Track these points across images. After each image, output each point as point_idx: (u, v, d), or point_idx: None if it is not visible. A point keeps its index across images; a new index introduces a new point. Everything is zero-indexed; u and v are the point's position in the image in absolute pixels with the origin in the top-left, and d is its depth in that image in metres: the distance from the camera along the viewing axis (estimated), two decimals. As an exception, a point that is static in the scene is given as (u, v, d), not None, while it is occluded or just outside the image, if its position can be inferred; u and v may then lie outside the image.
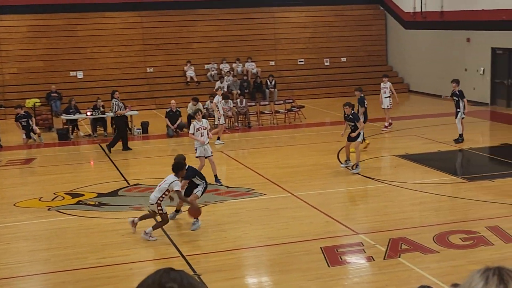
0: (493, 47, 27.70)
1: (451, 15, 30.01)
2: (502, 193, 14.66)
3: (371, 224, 12.86)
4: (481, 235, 11.82)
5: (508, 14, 26.27)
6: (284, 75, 33.04)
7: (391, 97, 23.26)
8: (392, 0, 34.86)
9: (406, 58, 33.93)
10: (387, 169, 17.59)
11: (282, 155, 19.70)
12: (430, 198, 14.65)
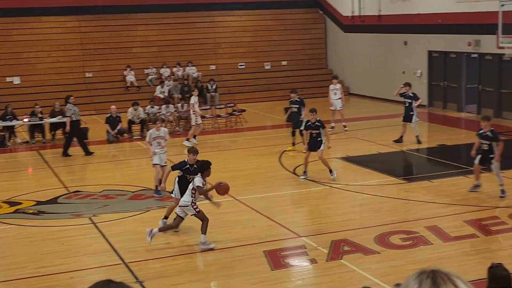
0: (429, 50, 28.27)
1: (389, 19, 30.51)
2: (440, 193, 14.96)
3: (313, 227, 12.95)
4: (420, 235, 12.03)
5: (443, 18, 26.85)
6: (225, 79, 33.03)
7: (342, 98, 23.56)
8: (331, 4, 35.23)
9: (346, 61, 34.34)
10: (323, 173, 17.69)
11: (224, 159, 19.66)
12: (371, 200, 14.83)
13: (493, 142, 13.99)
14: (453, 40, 26.51)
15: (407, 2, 29.17)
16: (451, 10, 26.36)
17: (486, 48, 24.39)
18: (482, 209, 13.56)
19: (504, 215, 13.04)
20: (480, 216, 13.09)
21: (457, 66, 27.02)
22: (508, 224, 12.50)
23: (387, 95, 30.61)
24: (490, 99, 25.23)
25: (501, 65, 24.54)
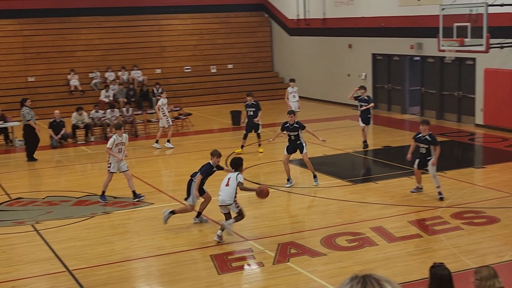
0: (373, 53, 28.64)
1: (333, 22, 30.79)
2: (385, 194, 15.15)
3: (260, 230, 12.94)
4: (366, 236, 12.15)
5: (386, 21, 27.24)
6: (171, 83, 32.82)
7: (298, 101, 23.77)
8: (276, 8, 35.39)
9: (292, 64, 34.52)
10: (275, 175, 17.75)
11: (171, 164, 19.55)
12: (318, 202, 14.92)
13: (431, 146, 14.22)
14: (396, 43, 26.91)
15: (351, 5, 29.49)
16: (394, 13, 26.77)
17: (428, 51, 24.82)
18: (426, 209, 13.77)
19: (447, 214, 13.27)
20: (423, 216, 13.30)
21: (401, 69, 27.45)
22: (451, 224, 12.72)
23: (332, 98, 30.93)
24: (433, 101, 25.69)
25: (442, 68, 25.01)
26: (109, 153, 15.18)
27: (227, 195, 12.23)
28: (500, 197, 14.53)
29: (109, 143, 15.22)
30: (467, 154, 20.69)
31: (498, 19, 20.38)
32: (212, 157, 13.17)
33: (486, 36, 18.55)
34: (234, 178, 12.28)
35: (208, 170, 13.13)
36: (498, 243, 11.68)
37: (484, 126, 23.02)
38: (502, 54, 21.07)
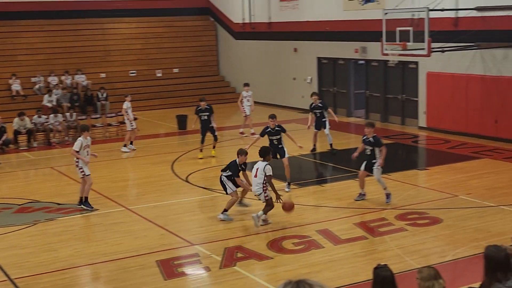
0: (318, 57, 28.86)
1: (279, 26, 30.93)
2: (331, 197, 15.27)
3: (206, 234, 12.88)
4: (312, 238, 12.21)
5: (331, 25, 27.49)
6: (116, 87, 32.46)
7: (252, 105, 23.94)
8: (222, 12, 35.38)
9: (238, 68, 34.55)
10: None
11: (116, 169, 19.32)
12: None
13: (376, 148, 14.37)
14: (341, 47, 27.19)
15: (296, 9, 29.68)
16: (338, 18, 27.04)
17: (372, 54, 25.15)
18: (371, 211, 13.91)
19: (391, 216, 13.44)
20: (368, 218, 13.43)
21: (346, 72, 27.73)
22: (395, 225, 12.88)
23: (278, 101, 31.05)
24: (377, 104, 26.03)
25: (386, 71, 25.37)
26: (77, 157, 14.65)
27: (255, 185, 13.00)
28: (443, 198, 14.79)
29: (76, 146, 14.70)
30: (411, 156, 21.01)
31: (439, 23, 20.78)
32: (238, 155, 13.74)
33: (428, 40, 18.87)
34: (262, 169, 12.96)
35: (235, 169, 13.66)
36: (441, 243, 11.88)
37: (427, 129, 23.43)
38: (443, 58, 21.48)
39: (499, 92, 20.71)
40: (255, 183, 13.01)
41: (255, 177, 13.02)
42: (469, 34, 20.64)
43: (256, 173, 13.01)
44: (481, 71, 21.35)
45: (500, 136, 20.77)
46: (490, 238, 11.65)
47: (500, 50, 20.57)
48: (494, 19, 20.55)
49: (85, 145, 14.72)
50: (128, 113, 21.84)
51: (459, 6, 21.55)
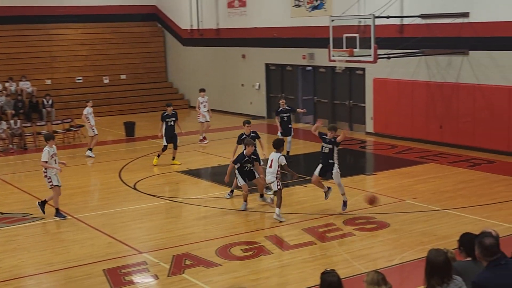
0: (267, 63, 28.96)
1: (227, 33, 30.94)
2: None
3: (154, 242, 12.75)
4: (261, 245, 12.20)
5: (279, 32, 27.62)
6: (61, 94, 31.97)
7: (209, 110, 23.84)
8: (169, 18, 35.21)
9: (186, 75, 34.41)
10: (169, 186, 17.59)
11: (62, 176, 18.92)
12: (213, 212, 14.86)
13: (335, 147, 14.22)
14: (289, 53, 27.34)
15: (244, 16, 29.73)
16: (286, 24, 27.19)
17: (320, 61, 25.34)
18: (319, 216, 13.97)
19: (339, 221, 13.52)
20: (317, 224, 13.49)
21: (294, 79, 27.88)
22: (343, 230, 12.97)
23: (227, 108, 31.02)
24: (325, 110, 26.22)
25: (333, 77, 25.60)
26: (46, 167, 14.24)
27: (269, 175, 13.74)
28: (390, 202, 14.95)
29: (44, 156, 14.21)
30: (358, 162, 21.20)
31: (385, 30, 21.06)
32: (246, 146, 14.45)
33: (374, 47, 19.10)
34: (276, 159, 13.68)
35: (239, 159, 14.48)
36: (388, 247, 12.00)
37: (374, 134, 23.70)
38: (389, 64, 21.77)
39: (444, 98, 21.09)
40: (269, 173, 13.71)
41: (269, 167, 13.73)
42: (414, 41, 20.97)
43: (271, 164, 13.72)
44: (426, 78, 21.72)
45: (444, 141, 21.14)
46: (436, 241, 11.82)
47: (444, 57, 20.95)
48: (437, 27, 20.94)
49: (52, 153, 14.33)
50: (89, 119, 21.57)
51: (404, 14, 21.90)
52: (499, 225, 12.71)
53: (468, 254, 6.50)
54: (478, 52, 20.06)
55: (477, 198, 15.03)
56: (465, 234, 6.69)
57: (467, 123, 20.54)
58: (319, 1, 25.61)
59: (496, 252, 5.81)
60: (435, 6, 20.98)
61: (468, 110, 20.46)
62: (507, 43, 19.25)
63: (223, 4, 31.00)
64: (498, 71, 19.57)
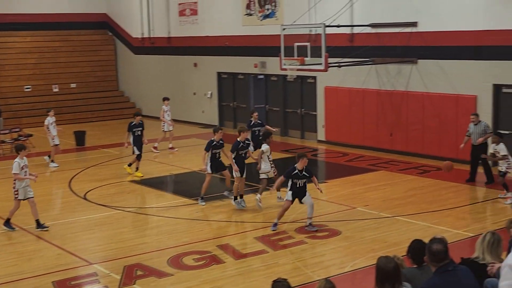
0: (218, 72, 28.94)
1: (178, 41, 30.83)
2: (232, 212, 15.27)
3: (105, 253, 12.59)
4: (213, 254, 12.15)
5: (230, 40, 27.65)
6: (10, 103, 31.40)
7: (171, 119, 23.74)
8: (120, 26, 34.93)
9: (138, 83, 34.17)
10: (121, 195, 17.39)
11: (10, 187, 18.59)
12: (165, 222, 14.76)
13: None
14: (241, 62, 27.37)
15: (195, 24, 29.68)
16: (238, 33, 27.24)
17: (271, 69, 25.44)
18: (271, 225, 13.96)
19: (291, 229, 13.56)
20: (269, 232, 13.49)
21: (245, 87, 27.92)
22: (295, 238, 13.00)
23: (179, 117, 30.83)
24: (277, 118, 26.30)
25: (285, 86, 25.71)
26: (21, 179, 13.84)
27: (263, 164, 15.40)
28: (341, 210, 15.07)
29: (14, 168, 13.79)
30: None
31: (335, 39, 21.27)
32: (240, 133, 15.48)
33: (325, 56, 19.26)
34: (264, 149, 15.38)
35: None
36: (340, 255, 12.08)
37: (326, 142, 23.86)
38: (340, 73, 21.99)
39: (394, 106, 21.38)
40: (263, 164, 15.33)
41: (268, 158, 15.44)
42: (364, 50, 21.23)
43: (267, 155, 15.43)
44: (376, 86, 21.98)
45: (395, 148, 21.42)
46: (386, 248, 11.95)
47: (394, 66, 21.25)
48: (387, 36, 21.24)
49: (23, 165, 13.97)
50: (49, 129, 21.20)
51: (354, 23, 22.14)
52: (448, 231, 12.92)
53: (415, 261, 6.58)
54: (426, 61, 20.41)
55: (427, 205, 15.25)
56: (413, 241, 6.78)
57: (417, 130, 20.85)
58: (270, 10, 25.74)
59: (444, 258, 5.89)
60: (384, 15, 21.28)
61: (418, 118, 20.77)
62: (454, 52, 19.64)
63: (174, 12, 30.91)
64: (445, 79, 19.93)
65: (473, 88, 19.29)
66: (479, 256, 6.93)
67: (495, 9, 18.48)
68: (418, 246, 6.54)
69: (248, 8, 26.79)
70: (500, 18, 18.39)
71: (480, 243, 7.00)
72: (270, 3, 25.75)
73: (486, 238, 6.99)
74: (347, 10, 21.73)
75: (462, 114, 19.46)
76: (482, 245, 6.96)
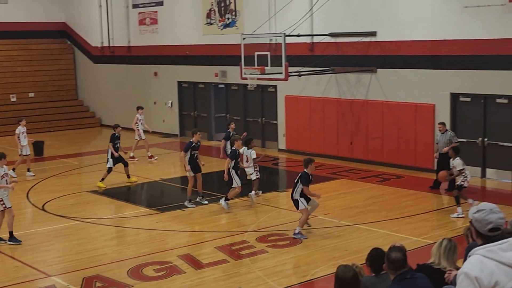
0: (179, 81, 28.85)
1: (139, 50, 30.67)
2: (193, 222, 15.22)
3: (64, 265, 12.41)
4: (173, 264, 12.06)
5: (191, 50, 27.59)
6: (-34, 113, 30.87)
7: None
8: (79, 35, 34.59)
9: (97, 92, 33.87)
10: (79, 206, 17.17)
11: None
12: (125, 232, 14.64)
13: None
14: (201, 71, 27.32)
15: (156, 33, 29.56)
16: (198, 42, 27.20)
17: (232, 78, 25.44)
18: (232, 234, 13.95)
19: (252, 238, 13.53)
20: (230, 242, 13.46)
21: (206, 96, 27.86)
22: (256, 247, 12.98)
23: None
24: (238, 127, 26.09)
25: (246, 95, 25.73)
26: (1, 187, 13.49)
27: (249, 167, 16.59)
28: (302, 218, 15.07)
29: None
30: (271, 179, 21.33)
31: (295, 48, 21.37)
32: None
33: (285, 65, 19.32)
34: (249, 154, 16.51)
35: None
36: (301, 263, 12.09)
37: (287, 151, 23.93)
38: (301, 82, 22.09)
39: (353, 115, 21.54)
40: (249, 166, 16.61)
41: (247, 161, 16.58)
42: (324, 59, 21.37)
43: (247, 159, 16.54)
44: (336, 95, 22.13)
45: (355, 157, 21.57)
46: (347, 256, 12.00)
47: (353, 75, 21.43)
48: (346, 45, 21.41)
49: (3, 173, 13.65)
50: (19, 139, 20.86)
51: (314, 32, 22.29)
52: (407, 238, 13.04)
53: (374, 269, 6.62)
54: (385, 70, 20.63)
55: (387, 212, 15.38)
56: (372, 249, 6.81)
57: (376, 139, 21.04)
58: (231, 19, 25.76)
59: (402, 266, 5.93)
60: (344, 25, 21.46)
61: (377, 127, 20.96)
62: (412, 62, 19.88)
63: (134, 21, 30.75)
64: (404, 88, 20.16)
65: (431, 97, 19.55)
66: (435, 261, 7.00)
67: (452, 19, 18.77)
68: (377, 254, 6.57)
69: (208, 17, 26.78)
70: (457, 28, 18.69)
71: (437, 248, 7.07)
72: (230, 12, 25.79)
73: (443, 244, 7.06)
74: (307, 19, 21.86)
75: (421, 122, 19.71)
76: (439, 251, 7.03)
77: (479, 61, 18.32)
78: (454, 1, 18.65)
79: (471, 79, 18.65)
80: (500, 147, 18.46)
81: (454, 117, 19.26)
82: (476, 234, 4.57)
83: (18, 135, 21.17)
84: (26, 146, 21.31)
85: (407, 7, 19.84)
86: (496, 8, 17.71)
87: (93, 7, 32.85)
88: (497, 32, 17.84)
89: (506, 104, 18.23)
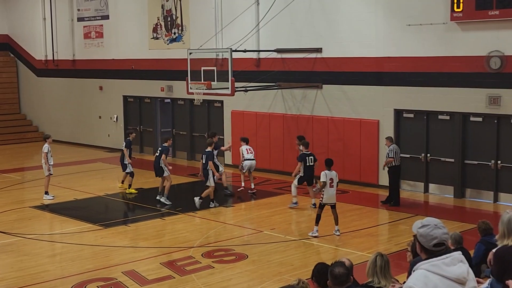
0: (124, 95, 28.60)
1: (83, 64, 30.33)
2: (137, 237, 15.07)
3: (5, 282, 12.12)
4: (118, 281, 11.91)
5: (136, 64, 27.43)
6: None
7: None
8: (22, 47, 34.02)
9: (41, 106, 33.32)
10: (21, 222, 16.82)
11: None
12: (68, 248, 14.39)
13: None
14: (147, 85, 27.16)
15: (101, 47, 29.30)
16: (144, 56, 27.06)
17: (178, 93, 25.36)
18: (177, 250, 13.86)
19: (198, 254, 13.47)
20: (175, 257, 13.37)
21: (152, 111, 27.68)
22: (202, 263, 12.91)
23: (83, 140, 30.35)
24: (184, 142, 26.20)
25: (192, 110, 25.67)
26: None
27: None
28: (248, 234, 15.11)
29: None
30: (217, 194, 21.22)
31: (242, 64, 21.45)
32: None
33: (231, 80, 19.38)
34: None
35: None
36: (247, 278, 12.07)
37: (233, 166, 23.90)
38: (247, 97, 22.16)
39: (299, 130, 21.66)
40: None
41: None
42: (270, 75, 21.51)
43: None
44: (282, 110, 22.27)
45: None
46: (293, 271, 12.03)
47: (299, 90, 21.61)
48: (292, 61, 21.60)
49: None
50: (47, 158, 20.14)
51: (260, 48, 22.42)
52: (353, 253, 13.16)
53: (319, 284, 6.66)
54: (330, 86, 20.86)
55: (332, 227, 15.48)
56: (317, 264, 6.86)
57: (322, 154, 21.18)
58: (177, 34, 25.72)
59: (345, 282, 5.98)
60: (290, 41, 21.65)
61: (323, 142, 21.14)
62: (356, 78, 20.17)
63: (79, 34, 30.41)
64: (349, 104, 20.43)
65: (375, 113, 19.85)
66: (374, 281, 7.10)
67: (394, 37, 19.14)
68: (321, 269, 6.62)
69: (154, 31, 26.68)
70: (399, 45, 19.06)
71: (372, 268, 7.15)
72: (177, 27, 25.75)
73: (377, 263, 7.15)
74: (253, 35, 21.98)
75: (365, 138, 19.98)
76: (375, 270, 7.13)
77: (422, 78, 18.73)
78: (397, 19, 19.03)
79: (414, 96, 19.02)
80: (442, 163, 18.85)
81: (398, 133, 19.58)
82: (420, 249, 4.64)
83: (46, 154, 19.24)
84: None
85: (352, 24, 20.15)
86: (437, 26, 18.14)
87: (37, 19, 32.38)
88: (439, 50, 18.26)
89: (447, 120, 18.64)
